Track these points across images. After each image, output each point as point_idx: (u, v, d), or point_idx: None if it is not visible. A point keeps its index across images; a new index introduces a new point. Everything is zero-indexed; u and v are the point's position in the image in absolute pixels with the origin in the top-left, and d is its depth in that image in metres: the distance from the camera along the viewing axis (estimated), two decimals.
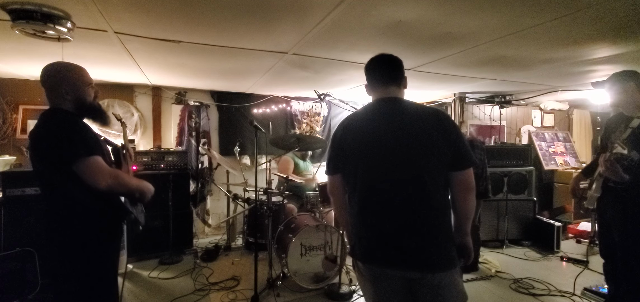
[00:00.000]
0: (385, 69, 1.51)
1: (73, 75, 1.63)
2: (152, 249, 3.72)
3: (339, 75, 3.39)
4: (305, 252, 3.01)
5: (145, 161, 3.80)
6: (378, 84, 1.50)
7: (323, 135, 5.30)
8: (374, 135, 1.41)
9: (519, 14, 1.83)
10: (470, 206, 1.41)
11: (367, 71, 1.55)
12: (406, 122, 1.39)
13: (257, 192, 3.05)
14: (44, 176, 1.59)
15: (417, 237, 1.31)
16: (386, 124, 1.40)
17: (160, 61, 2.97)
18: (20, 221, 2.80)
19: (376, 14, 1.84)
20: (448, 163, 1.36)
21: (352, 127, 1.49)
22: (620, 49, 2.46)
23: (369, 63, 1.55)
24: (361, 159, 1.41)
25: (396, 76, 1.49)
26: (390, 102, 1.46)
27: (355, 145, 1.44)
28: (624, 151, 1.99)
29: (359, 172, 1.40)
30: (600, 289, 2.88)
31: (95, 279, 1.64)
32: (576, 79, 3.63)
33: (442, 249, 1.33)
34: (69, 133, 1.51)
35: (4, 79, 3.70)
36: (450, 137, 1.36)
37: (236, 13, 1.85)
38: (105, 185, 1.51)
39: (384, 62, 1.52)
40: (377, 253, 1.38)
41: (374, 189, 1.38)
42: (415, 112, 1.42)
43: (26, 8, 1.74)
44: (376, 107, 1.49)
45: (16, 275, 2.66)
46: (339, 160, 1.50)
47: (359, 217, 1.43)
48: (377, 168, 1.37)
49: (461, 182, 1.38)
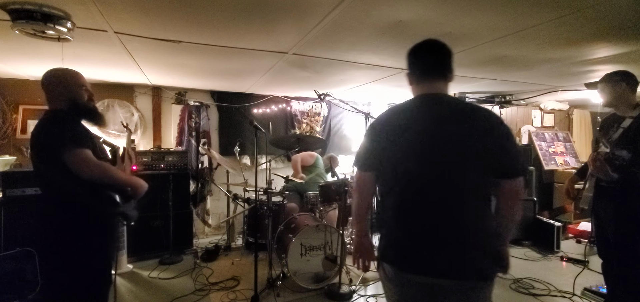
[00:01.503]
0: (433, 59, 1.36)
1: (67, 78, 1.77)
2: (152, 249, 3.72)
3: (339, 75, 3.39)
4: (305, 252, 3.01)
5: (145, 161, 3.80)
6: (422, 76, 1.36)
7: (323, 136, 5.30)
8: (416, 136, 1.28)
9: (519, 14, 1.83)
10: (516, 215, 1.31)
11: (411, 59, 1.40)
12: (453, 124, 1.26)
13: (257, 192, 3.05)
14: (43, 174, 1.69)
15: (454, 245, 1.23)
16: (430, 125, 1.28)
17: (160, 61, 2.97)
18: (20, 221, 2.79)
19: (376, 14, 1.84)
20: (497, 170, 1.25)
21: (392, 124, 1.36)
22: (621, 49, 2.46)
23: (414, 49, 1.40)
24: (400, 160, 1.30)
25: (444, 69, 1.35)
26: (435, 100, 1.33)
27: (394, 145, 1.31)
28: (606, 150, 2.02)
29: (398, 174, 1.30)
30: (600, 289, 2.88)
31: (90, 273, 1.74)
32: (576, 79, 3.63)
33: (479, 259, 1.24)
34: (61, 128, 1.65)
35: (4, 79, 3.70)
36: (502, 143, 1.25)
37: (236, 13, 1.85)
38: (90, 175, 1.61)
39: (432, 50, 1.36)
40: (410, 258, 1.29)
41: (412, 193, 1.29)
42: (463, 114, 1.29)
43: (26, 8, 1.74)
44: (419, 104, 1.35)
45: (16, 275, 2.66)
46: (375, 157, 1.38)
47: (393, 220, 1.33)
48: (417, 172, 1.27)
49: (510, 191, 1.28)
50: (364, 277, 3.28)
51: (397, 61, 2.89)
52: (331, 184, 3.52)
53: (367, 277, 3.28)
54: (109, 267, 1.86)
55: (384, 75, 3.38)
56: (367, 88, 4.15)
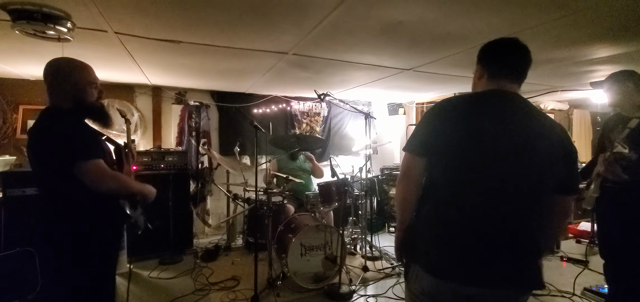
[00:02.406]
0: (517, 61, 1.26)
1: (76, 73, 1.58)
2: (152, 249, 3.71)
3: (339, 75, 3.39)
4: (305, 252, 3.01)
5: (145, 161, 3.79)
6: (499, 75, 1.26)
7: (323, 136, 5.30)
8: (484, 132, 1.15)
9: (519, 14, 1.83)
10: (562, 230, 1.30)
11: (489, 55, 1.30)
12: (528, 129, 1.18)
13: (257, 192, 3.05)
14: (42, 176, 1.56)
15: (517, 256, 1.17)
16: (503, 125, 1.17)
17: (160, 61, 2.97)
18: (20, 221, 2.79)
19: (376, 14, 1.84)
20: (559, 186, 1.21)
21: (457, 114, 1.21)
22: (621, 49, 2.46)
23: (493, 46, 1.30)
24: (459, 155, 1.17)
25: (524, 74, 1.26)
26: (510, 100, 1.23)
27: (456, 137, 1.17)
28: (624, 150, 1.99)
29: (452, 169, 1.19)
30: (600, 289, 2.88)
31: (93, 279, 1.62)
32: (576, 79, 3.63)
33: (534, 269, 1.20)
34: (68, 136, 1.47)
35: (4, 79, 3.70)
36: (569, 159, 1.21)
37: (236, 13, 1.85)
38: (106, 188, 1.50)
39: (516, 50, 1.26)
40: (462, 266, 1.15)
41: (467, 196, 1.17)
42: (539, 121, 1.20)
43: (26, 8, 1.74)
44: (491, 100, 1.24)
45: (16, 275, 2.66)
46: (429, 142, 1.23)
47: (448, 220, 1.19)
48: (478, 172, 1.16)
49: (564, 207, 1.27)
50: (364, 277, 3.29)
51: (397, 61, 2.89)
52: (331, 184, 3.52)
53: (367, 277, 3.28)
54: (112, 273, 1.78)
55: (384, 76, 3.38)
56: (367, 88, 4.15)
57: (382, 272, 3.41)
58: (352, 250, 4.01)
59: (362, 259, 3.61)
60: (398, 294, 2.96)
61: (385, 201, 5.11)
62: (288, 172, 3.92)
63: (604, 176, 2.12)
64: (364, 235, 3.93)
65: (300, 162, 4.28)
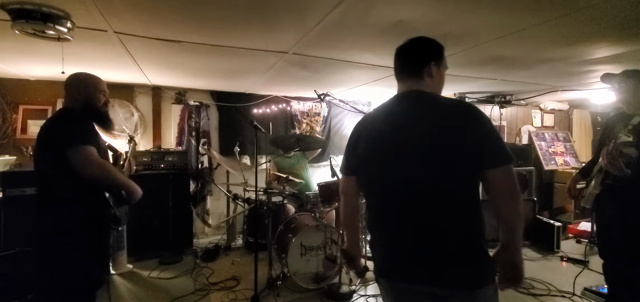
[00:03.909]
0: (401, 59, 1.37)
1: (88, 81, 1.89)
2: (152, 249, 3.72)
3: (339, 75, 3.39)
4: (305, 252, 3.01)
5: (145, 160, 3.79)
6: (397, 76, 1.38)
7: (323, 136, 5.30)
8: (388, 135, 1.26)
9: (519, 14, 1.83)
10: (511, 213, 1.15)
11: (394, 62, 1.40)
12: (423, 119, 1.22)
13: (257, 192, 3.04)
14: (43, 170, 1.74)
15: (432, 248, 1.16)
16: (401, 123, 1.26)
17: (160, 61, 2.97)
18: (20, 221, 2.79)
19: (376, 13, 1.84)
20: (478, 162, 1.14)
21: (368, 126, 1.36)
22: (621, 48, 2.46)
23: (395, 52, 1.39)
24: (375, 161, 1.29)
25: (414, 67, 1.31)
26: (406, 98, 1.31)
27: (369, 146, 1.31)
28: (629, 138, 2.00)
29: (373, 176, 1.30)
30: (600, 289, 2.88)
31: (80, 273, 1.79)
32: (576, 79, 3.63)
33: (463, 263, 1.14)
34: (71, 125, 1.73)
35: (4, 79, 3.70)
36: (478, 131, 1.15)
37: (236, 13, 1.85)
38: (91, 172, 1.67)
39: (400, 51, 1.37)
40: (388, 265, 1.27)
41: (388, 194, 1.25)
42: (435, 107, 1.24)
43: (26, 8, 1.74)
44: (392, 104, 1.35)
45: (16, 275, 2.66)
46: (354, 160, 1.39)
47: (373, 226, 1.33)
48: (390, 172, 1.24)
49: (495, 183, 1.14)
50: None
51: None
52: (331, 183, 3.51)
53: (367, 278, 3.28)
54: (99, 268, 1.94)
55: (384, 75, 3.38)
56: (367, 88, 4.14)
57: None
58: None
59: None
60: None
61: None
62: (287, 171, 3.92)
63: (606, 169, 2.12)
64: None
65: (295, 159, 4.28)
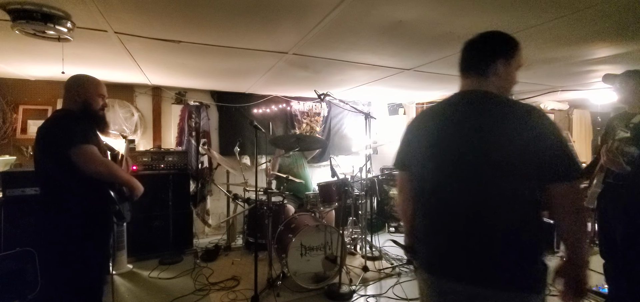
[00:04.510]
0: (467, 54, 1.28)
1: (87, 83, 1.89)
2: (152, 249, 3.72)
3: (339, 75, 3.39)
4: (305, 252, 3.01)
5: (145, 160, 3.79)
6: (461, 73, 1.29)
7: (323, 136, 5.30)
8: (444, 134, 1.22)
9: (519, 14, 1.83)
10: (570, 232, 1.13)
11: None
12: (481, 121, 1.16)
13: (257, 192, 3.05)
14: (44, 170, 1.74)
15: (476, 251, 1.14)
16: (457, 123, 1.20)
17: (160, 61, 2.97)
18: (20, 221, 2.79)
19: (376, 13, 1.84)
20: (538, 173, 1.09)
21: (425, 122, 1.33)
22: (621, 48, 2.46)
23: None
24: (428, 159, 1.25)
25: (479, 64, 1.23)
26: (467, 97, 1.25)
27: (424, 143, 1.28)
28: (626, 134, 2.00)
29: (426, 174, 1.27)
30: (600, 289, 2.87)
31: (85, 271, 1.78)
32: (576, 79, 3.63)
33: (508, 267, 1.12)
34: (70, 125, 1.73)
35: (4, 79, 3.70)
36: (540, 141, 1.08)
37: (236, 13, 1.85)
38: (95, 170, 1.69)
39: (467, 46, 1.29)
40: (434, 262, 1.26)
41: (438, 194, 1.23)
42: (496, 110, 1.17)
43: (26, 8, 1.74)
44: (452, 101, 1.29)
45: (16, 275, 2.66)
46: (407, 156, 1.37)
47: (422, 221, 1.31)
48: (443, 172, 1.21)
49: (556, 199, 1.10)
50: (364, 277, 3.28)
51: (397, 61, 2.89)
52: (331, 183, 3.52)
53: (367, 277, 3.28)
54: (103, 266, 1.92)
55: (384, 75, 3.38)
56: (367, 88, 4.14)
57: (382, 272, 3.41)
58: (352, 250, 4.01)
59: (362, 259, 3.61)
60: (398, 294, 2.96)
61: (385, 201, 5.11)
62: (286, 171, 3.92)
63: (607, 167, 2.12)
64: (364, 235, 3.94)
65: (294, 158, 4.28)
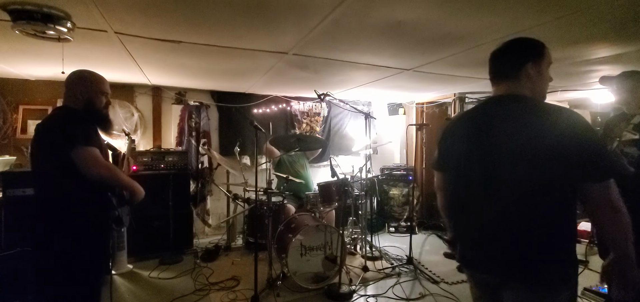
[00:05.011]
0: (494, 61, 1.35)
1: (91, 80, 1.83)
2: (152, 249, 3.72)
3: (339, 75, 3.39)
4: (305, 252, 3.01)
5: (145, 161, 3.80)
6: (491, 81, 1.37)
7: (323, 136, 5.30)
8: (479, 136, 1.28)
9: (519, 14, 1.83)
10: (608, 228, 1.14)
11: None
12: (514, 123, 1.20)
13: (257, 192, 3.05)
14: (42, 170, 1.70)
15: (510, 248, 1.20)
16: (492, 126, 1.25)
17: (160, 61, 2.97)
18: (20, 221, 2.79)
19: (376, 14, 1.84)
20: (571, 174, 1.11)
21: (461, 125, 1.40)
22: (621, 49, 2.46)
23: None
24: (465, 160, 1.32)
25: (508, 70, 1.29)
26: (498, 102, 1.32)
27: (461, 145, 1.34)
28: (634, 136, 2.00)
29: (461, 176, 1.34)
30: (600, 289, 2.88)
31: (83, 272, 1.75)
32: (576, 79, 3.64)
33: (534, 261, 1.16)
34: (72, 124, 1.67)
35: (4, 79, 3.70)
36: (574, 141, 1.10)
37: (236, 13, 1.85)
38: (97, 174, 1.64)
39: (494, 54, 1.35)
40: (468, 257, 1.37)
41: (474, 193, 1.28)
42: (529, 112, 1.21)
43: (26, 8, 1.74)
44: (484, 105, 1.39)
45: (16, 275, 2.66)
46: (444, 157, 1.46)
47: (458, 222, 1.42)
48: (479, 173, 1.26)
49: (591, 199, 1.12)
50: (364, 277, 3.29)
51: (397, 61, 2.89)
52: (331, 183, 3.52)
53: (367, 277, 3.28)
54: (101, 270, 1.89)
55: (384, 76, 3.38)
56: (367, 88, 4.15)
57: (382, 272, 3.41)
58: (352, 250, 4.01)
59: (362, 259, 3.61)
60: (398, 294, 2.97)
61: (385, 201, 5.11)
62: (288, 171, 3.92)
63: None
64: (364, 235, 3.94)
65: (295, 158, 4.28)
